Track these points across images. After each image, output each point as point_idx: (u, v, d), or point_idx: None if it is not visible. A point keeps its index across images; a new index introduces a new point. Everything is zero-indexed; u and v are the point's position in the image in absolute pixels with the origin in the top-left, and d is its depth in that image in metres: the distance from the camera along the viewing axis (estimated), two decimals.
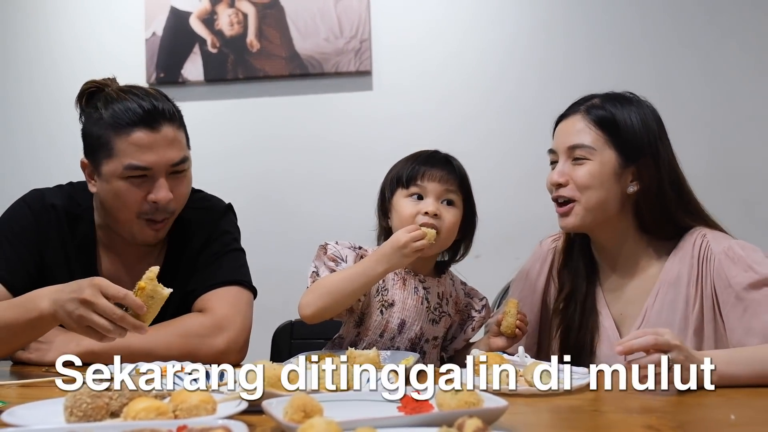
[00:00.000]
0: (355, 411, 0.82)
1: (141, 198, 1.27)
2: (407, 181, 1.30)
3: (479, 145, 2.39)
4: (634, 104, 1.25)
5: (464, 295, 1.42)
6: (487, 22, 2.43)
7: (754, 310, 1.12)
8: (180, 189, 1.30)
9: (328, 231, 1.47)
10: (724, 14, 2.32)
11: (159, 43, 2.54)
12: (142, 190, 1.27)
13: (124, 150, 1.25)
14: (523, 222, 2.33)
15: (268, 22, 2.50)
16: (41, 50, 2.65)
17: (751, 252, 1.17)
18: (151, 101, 1.27)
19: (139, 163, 1.25)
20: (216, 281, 1.34)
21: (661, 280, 1.23)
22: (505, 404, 0.78)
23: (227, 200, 1.49)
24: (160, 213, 1.29)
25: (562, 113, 1.30)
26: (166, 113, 1.28)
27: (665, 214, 1.23)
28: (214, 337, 1.27)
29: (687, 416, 0.86)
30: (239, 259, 1.40)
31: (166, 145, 1.26)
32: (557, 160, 1.27)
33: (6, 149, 2.66)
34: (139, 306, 1.07)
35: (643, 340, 0.97)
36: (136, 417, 0.76)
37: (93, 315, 1.07)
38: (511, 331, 1.27)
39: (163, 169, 1.27)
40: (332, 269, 1.28)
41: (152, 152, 1.25)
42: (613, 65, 2.33)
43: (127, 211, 1.28)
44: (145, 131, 1.25)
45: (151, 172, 1.26)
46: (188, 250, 1.38)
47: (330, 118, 2.49)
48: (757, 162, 2.28)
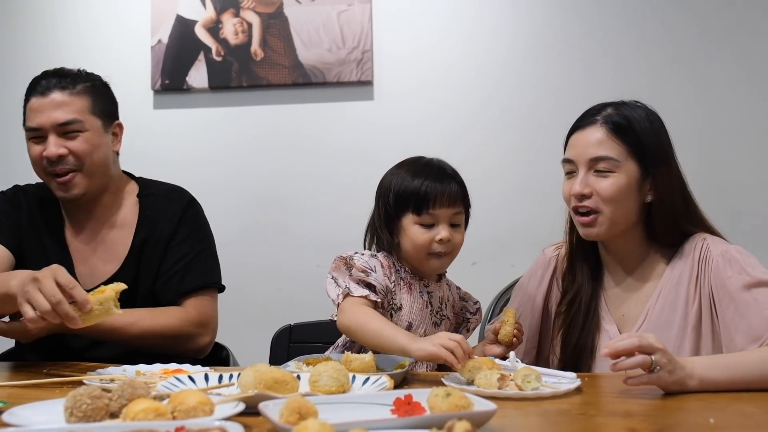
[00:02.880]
0: (349, 413, 0.83)
1: (38, 154, 1.45)
2: (418, 209, 1.31)
3: (476, 154, 2.42)
4: (646, 113, 1.26)
5: (459, 299, 1.45)
6: (485, 36, 2.46)
7: (742, 311, 1.15)
8: (74, 146, 1.44)
9: (329, 237, 1.49)
10: (714, 29, 2.35)
11: (164, 50, 2.57)
12: (40, 148, 1.44)
13: (27, 116, 1.47)
14: (519, 230, 2.35)
15: (273, 32, 2.54)
16: (49, 57, 2.68)
17: (746, 257, 1.20)
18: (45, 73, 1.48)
19: (31, 124, 1.45)
20: (188, 288, 1.47)
21: (663, 281, 1.25)
22: (494, 407, 0.80)
23: (231, 204, 1.56)
24: (59, 166, 1.44)
25: (578, 123, 1.28)
26: (61, 83, 1.46)
27: (673, 222, 1.25)
28: (198, 333, 1.43)
29: (668, 420, 0.88)
30: (207, 258, 1.52)
31: (52, 107, 1.44)
32: (574, 170, 1.26)
33: (14, 154, 2.70)
34: (83, 301, 1.12)
35: (628, 342, 1.00)
36: (135, 418, 0.77)
37: (36, 292, 1.13)
38: (508, 340, 1.29)
39: (50, 128, 1.44)
40: (362, 279, 1.29)
41: (41, 114, 1.44)
42: (606, 78, 2.35)
43: (34, 165, 1.46)
44: (36, 97, 1.45)
45: (42, 132, 1.44)
46: (154, 237, 1.49)
47: (332, 127, 2.52)
48: (744, 174, 2.31)
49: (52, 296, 1.11)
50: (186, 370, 1.15)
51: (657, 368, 0.99)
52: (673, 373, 1.00)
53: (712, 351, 1.20)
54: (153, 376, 1.10)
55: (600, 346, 1.26)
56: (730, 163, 2.30)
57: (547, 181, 2.40)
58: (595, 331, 1.28)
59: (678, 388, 1.01)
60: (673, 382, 1.00)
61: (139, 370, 1.16)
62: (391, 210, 1.35)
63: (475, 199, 1.58)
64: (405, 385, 1.10)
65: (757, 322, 1.13)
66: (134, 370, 1.16)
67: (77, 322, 1.12)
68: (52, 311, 1.11)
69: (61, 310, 1.11)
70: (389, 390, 0.95)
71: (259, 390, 0.89)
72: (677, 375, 1.00)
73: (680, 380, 1.00)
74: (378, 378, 1.00)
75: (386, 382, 0.98)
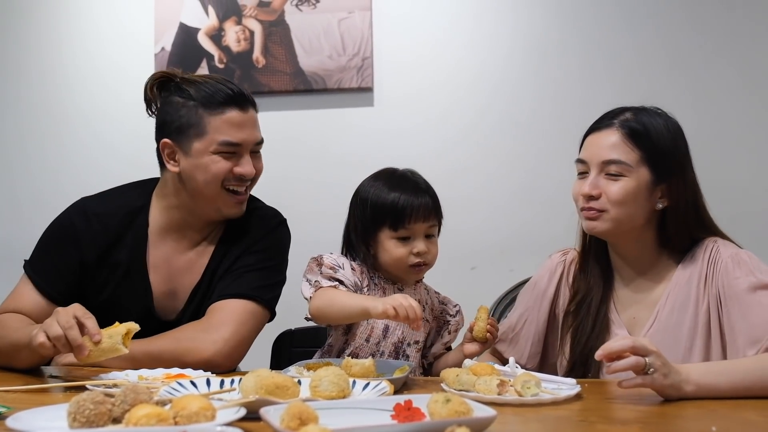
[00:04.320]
0: (349, 419, 0.84)
1: (227, 169, 1.37)
2: (394, 225, 1.35)
3: (475, 160, 2.43)
4: (665, 120, 1.26)
5: (438, 303, 1.48)
6: (484, 42, 2.47)
7: (744, 311, 1.16)
8: (258, 165, 1.42)
9: (330, 243, 1.50)
10: (712, 35, 2.35)
11: (168, 57, 2.59)
12: (230, 163, 1.37)
13: (218, 127, 1.36)
14: (518, 235, 2.36)
15: (274, 39, 2.56)
16: (53, 64, 2.71)
17: (755, 261, 1.21)
18: (237, 86, 1.39)
19: (232, 139, 1.36)
20: (228, 292, 1.36)
21: (673, 283, 1.26)
22: (494, 414, 0.80)
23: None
24: (242, 184, 1.40)
25: (595, 125, 1.28)
26: (250, 97, 1.41)
27: (686, 229, 1.26)
28: (200, 340, 1.29)
29: (668, 427, 0.88)
30: (267, 277, 1.41)
31: (252, 125, 1.40)
32: (587, 171, 1.26)
33: (18, 161, 2.72)
34: (93, 331, 1.12)
35: (621, 343, 1.01)
36: (138, 423, 0.77)
37: (52, 320, 1.14)
38: (482, 336, 1.32)
39: (249, 146, 1.39)
40: (331, 276, 1.34)
41: (242, 130, 1.37)
42: (605, 83, 2.36)
43: (215, 181, 1.37)
44: (237, 111, 1.37)
45: (239, 149, 1.38)
46: (230, 253, 1.42)
47: (332, 133, 2.53)
48: (744, 179, 2.31)
49: (66, 323, 1.12)
50: (188, 375, 1.16)
51: (651, 370, 0.99)
52: (668, 376, 1.00)
53: (721, 352, 1.20)
54: (155, 381, 1.11)
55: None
56: (727, 167, 2.30)
57: (546, 187, 2.42)
58: (604, 333, 1.28)
59: (674, 393, 1.01)
60: (668, 386, 1.00)
61: (141, 374, 1.17)
62: (367, 223, 1.39)
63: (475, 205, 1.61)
64: (405, 391, 1.11)
65: (758, 323, 1.13)
66: (137, 375, 1.16)
67: (85, 350, 1.12)
68: (63, 336, 1.12)
69: (71, 335, 1.11)
70: (389, 395, 0.95)
71: (260, 395, 0.90)
72: (672, 379, 1.00)
73: (676, 384, 1.00)
74: (378, 383, 1.01)
75: (386, 388, 0.98)
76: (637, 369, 0.99)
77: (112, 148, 2.61)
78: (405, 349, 1.40)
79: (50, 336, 1.12)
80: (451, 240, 1.49)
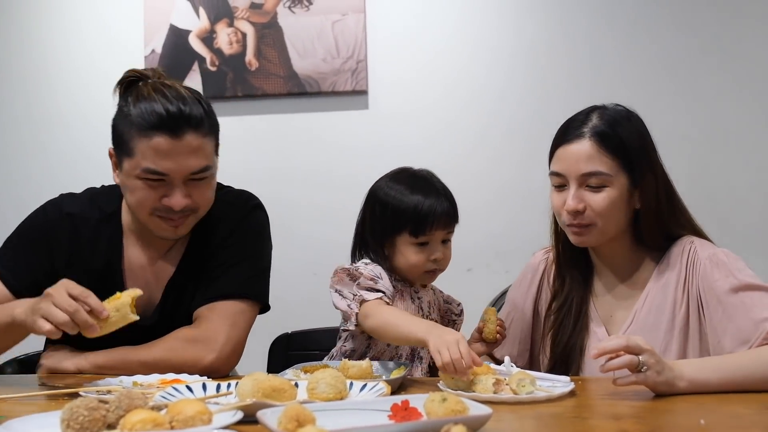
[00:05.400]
0: (347, 420, 0.84)
1: (155, 199, 1.26)
2: (415, 231, 1.33)
3: (471, 162, 2.44)
4: (631, 120, 1.26)
5: (443, 302, 1.49)
6: (483, 43, 2.49)
7: (730, 314, 1.16)
8: (199, 194, 1.28)
9: (326, 245, 1.50)
10: (701, 36, 2.37)
11: (158, 60, 2.58)
12: (158, 193, 1.25)
13: (143, 152, 1.23)
14: (513, 236, 2.37)
15: (267, 42, 2.56)
16: (38, 67, 2.68)
17: (733, 260, 1.21)
18: (179, 105, 1.23)
19: (156, 167, 1.23)
20: (212, 294, 1.32)
21: (651, 284, 1.27)
22: (490, 412, 0.81)
23: None
24: (173, 214, 1.28)
25: (563, 137, 1.26)
26: (192, 120, 1.24)
27: (660, 226, 1.27)
28: (199, 351, 1.26)
29: (659, 421, 0.89)
30: (249, 269, 1.35)
31: (187, 153, 1.23)
32: (564, 183, 1.25)
33: (4, 169, 2.70)
34: (99, 308, 1.09)
35: (615, 342, 1.02)
36: (133, 428, 0.77)
37: (50, 306, 1.09)
38: (492, 337, 1.32)
39: (180, 177, 1.25)
40: (371, 287, 1.30)
41: (170, 160, 1.22)
42: (594, 86, 2.37)
43: (142, 208, 1.27)
44: (165, 137, 1.22)
45: (168, 178, 1.24)
46: (209, 246, 1.35)
47: (327, 136, 2.53)
48: (733, 179, 2.33)
49: (68, 306, 1.08)
50: (184, 380, 1.16)
51: (644, 368, 1.00)
52: (661, 373, 1.01)
53: (699, 354, 1.21)
54: (150, 387, 1.11)
55: (588, 347, 1.28)
56: (718, 168, 2.33)
57: (541, 189, 2.42)
58: (584, 333, 1.30)
59: (667, 389, 1.02)
60: (661, 383, 1.01)
61: (136, 380, 1.17)
62: (386, 227, 1.36)
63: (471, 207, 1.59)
64: (402, 391, 1.11)
65: (745, 324, 1.14)
66: (131, 381, 1.16)
67: (95, 329, 1.09)
68: (70, 321, 1.08)
69: (78, 318, 1.08)
70: (386, 396, 0.96)
71: (257, 398, 0.90)
72: (665, 376, 1.01)
73: (669, 381, 1.02)
74: (375, 384, 1.01)
75: (383, 389, 0.98)
76: (631, 367, 1.01)
77: (104, 148, 2.60)
78: (419, 350, 1.39)
79: (56, 322, 1.08)
80: None
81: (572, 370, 1.29)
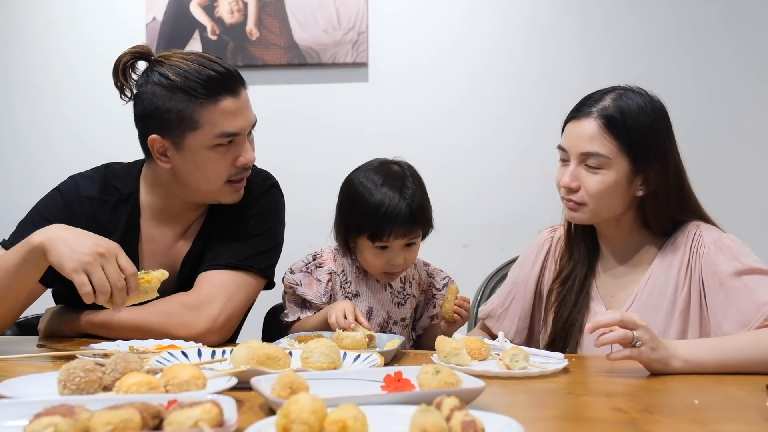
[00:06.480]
0: (340, 389, 0.85)
1: (230, 164, 1.29)
2: (372, 237, 1.35)
3: (469, 137, 2.43)
4: (645, 106, 1.23)
5: (426, 276, 1.50)
6: (483, 17, 2.45)
7: (732, 297, 1.16)
8: (253, 146, 1.34)
9: (322, 217, 1.50)
10: (718, 14, 2.34)
11: (159, 28, 2.55)
12: (230, 156, 1.28)
13: (213, 119, 1.24)
14: (510, 213, 2.37)
15: (268, 12, 2.52)
16: (42, 35, 2.65)
17: (738, 245, 1.21)
18: (222, 66, 1.26)
19: (231, 129, 1.26)
20: (218, 262, 1.31)
21: (654, 267, 1.27)
22: (482, 385, 0.81)
23: None
24: (246, 172, 1.33)
25: (575, 112, 1.26)
26: (238, 76, 1.29)
27: (667, 213, 1.26)
28: (190, 317, 1.25)
29: (653, 400, 0.89)
30: (260, 244, 1.35)
31: (246, 107, 1.29)
32: (567, 159, 1.25)
33: (6, 138, 2.68)
34: (136, 288, 1.10)
35: (610, 316, 1.02)
36: (128, 391, 0.78)
37: (98, 268, 1.07)
38: (449, 316, 1.33)
39: (246, 132, 1.30)
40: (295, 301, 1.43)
41: (240, 117, 1.27)
42: (605, 62, 2.34)
43: (218, 178, 1.29)
44: (230, 98, 1.25)
45: (237, 138, 1.28)
46: (225, 222, 1.36)
47: (326, 108, 2.51)
48: (738, 162, 2.31)
49: (116, 280, 1.07)
50: (179, 346, 1.17)
51: (638, 343, 1.00)
52: (655, 350, 1.01)
53: (699, 337, 1.21)
54: (146, 351, 1.11)
55: (587, 324, 1.29)
56: (730, 150, 2.30)
57: (538, 165, 2.42)
58: (584, 310, 1.30)
59: (661, 367, 1.02)
60: (656, 360, 1.01)
61: (132, 345, 1.17)
62: (350, 225, 1.39)
63: (467, 183, 1.60)
64: (395, 363, 1.12)
65: (747, 307, 1.14)
66: (128, 346, 1.17)
67: (120, 309, 1.11)
68: (109, 293, 1.07)
69: (119, 295, 1.08)
70: (380, 367, 0.96)
71: (252, 365, 0.90)
72: (660, 353, 1.01)
73: (663, 359, 1.02)
74: (369, 355, 1.02)
75: (377, 360, 0.99)
76: (625, 342, 1.01)
77: (105, 116, 2.58)
78: (391, 327, 1.43)
79: (99, 290, 1.06)
80: (443, 218, 1.49)
81: (570, 346, 1.29)
